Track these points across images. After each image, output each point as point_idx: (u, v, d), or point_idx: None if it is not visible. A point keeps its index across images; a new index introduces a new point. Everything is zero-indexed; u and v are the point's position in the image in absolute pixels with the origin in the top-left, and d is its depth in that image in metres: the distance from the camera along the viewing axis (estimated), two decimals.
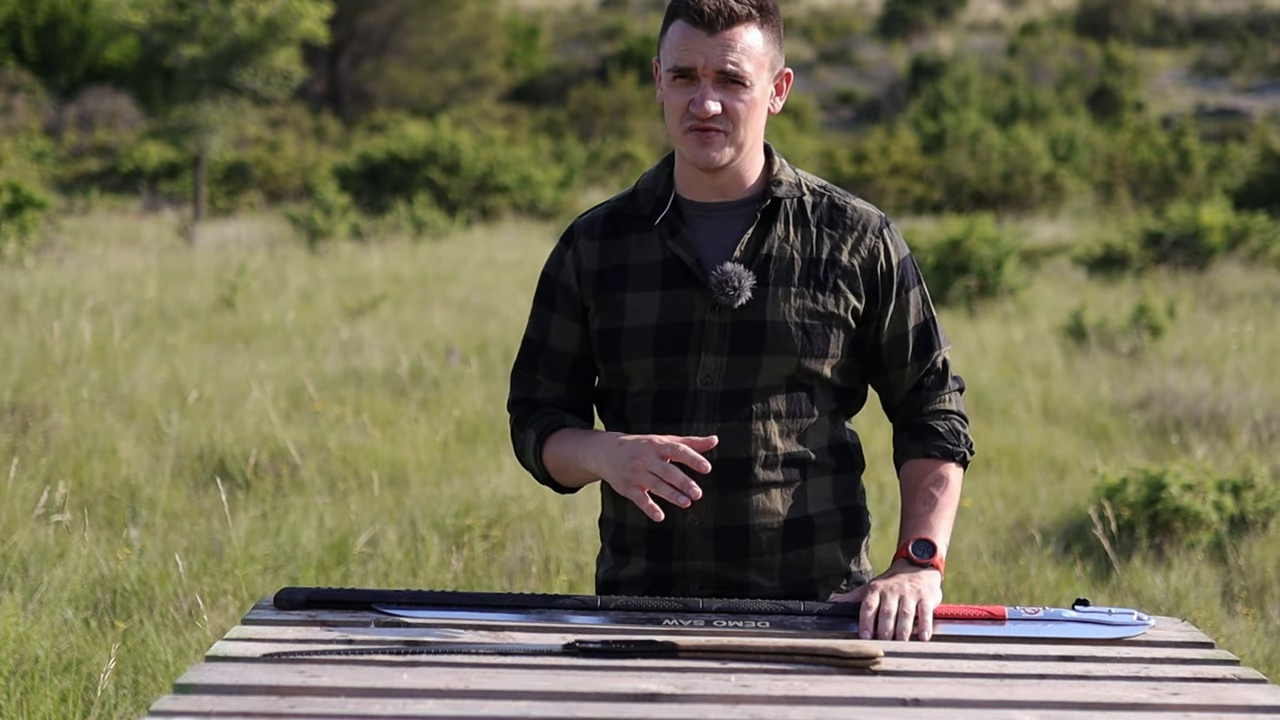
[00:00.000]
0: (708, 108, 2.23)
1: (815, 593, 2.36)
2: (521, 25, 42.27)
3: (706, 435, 2.27)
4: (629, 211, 2.38)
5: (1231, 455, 6.87)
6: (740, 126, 2.26)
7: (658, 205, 2.35)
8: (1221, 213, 15.90)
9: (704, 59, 2.23)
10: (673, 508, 2.29)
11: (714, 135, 2.26)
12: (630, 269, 2.34)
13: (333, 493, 5.83)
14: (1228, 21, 45.26)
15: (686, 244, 2.31)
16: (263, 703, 1.78)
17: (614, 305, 2.33)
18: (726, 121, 2.25)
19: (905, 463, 2.42)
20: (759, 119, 2.30)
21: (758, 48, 2.25)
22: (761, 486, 2.30)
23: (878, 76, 41.89)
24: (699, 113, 2.23)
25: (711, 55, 2.22)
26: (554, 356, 2.41)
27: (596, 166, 26.13)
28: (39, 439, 6.26)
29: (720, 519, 2.31)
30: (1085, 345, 10.14)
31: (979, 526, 5.80)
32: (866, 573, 2.42)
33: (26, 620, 4.07)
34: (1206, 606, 4.77)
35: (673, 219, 2.33)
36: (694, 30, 2.23)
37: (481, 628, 2.12)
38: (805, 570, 2.34)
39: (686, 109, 2.25)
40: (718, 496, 2.30)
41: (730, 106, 2.25)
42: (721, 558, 2.31)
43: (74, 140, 28.56)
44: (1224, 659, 2.09)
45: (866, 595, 2.18)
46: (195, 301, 11.19)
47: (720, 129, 2.25)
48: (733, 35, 2.23)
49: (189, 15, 20.38)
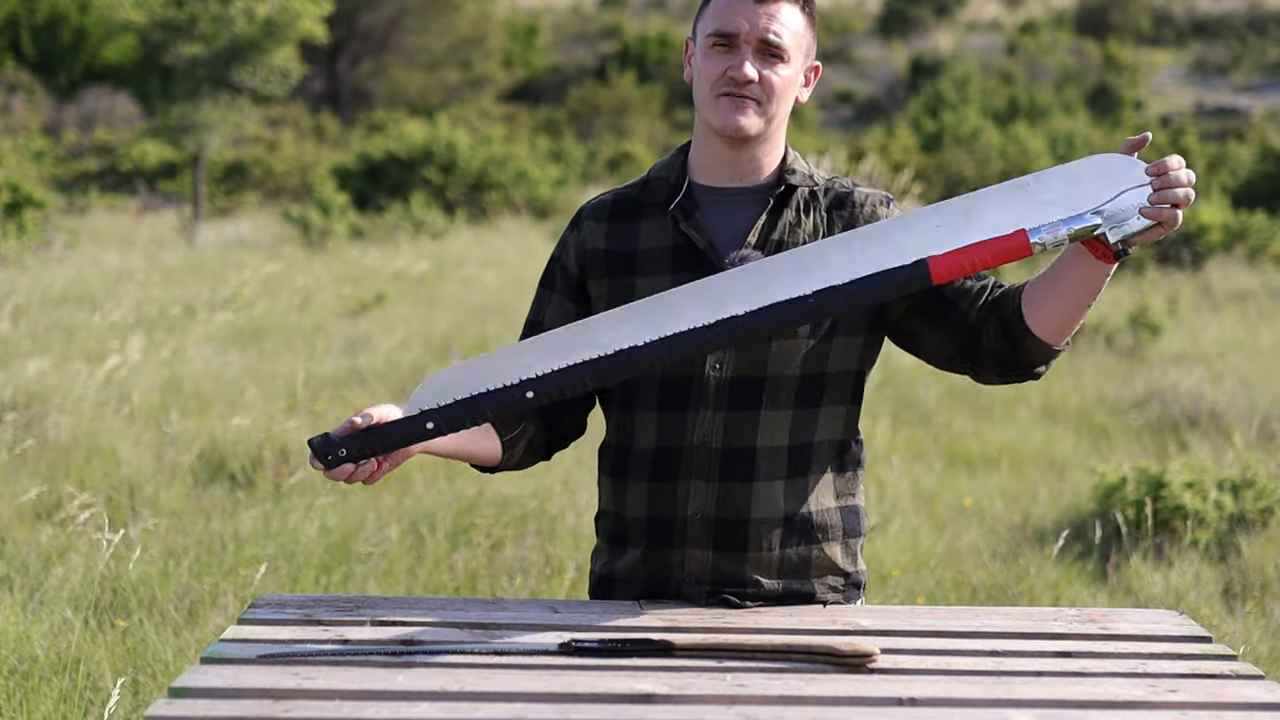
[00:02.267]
0: (746, 70, 2.26)
1: (813, 591, 2.35)
2: (520, 24, 42.26)
3: (713, 423, 2.27)
4: (641, 199, 2.39)
5: (1231, 454, 6.87)
6: (773, 100, 2.28)
7: (672, 191, 2.36)
8: (1220, 211, 15.90)
9: (748, 25, 2.26)
10: (674, 500, 2.30)
11: (748, 103, 2.28)
12: (640, 253, 2.35)
13: (333, 492, 5.83)
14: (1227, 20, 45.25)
15: (699, 228, 2.32)
16: (257, 706, 1.78)
17: (622, 289, 2.33)
18: (761, 91, 2.28)
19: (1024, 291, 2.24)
20: (789, 99, 2.32)
21: (799, 27, 2.30)
22: (764, 479, 2.30)
23: (877, 75, 41.87)
24: (737, 75, 2.26)
25: (756, 22, 2.26)
26: None
27: (595, 165, 26.12)
28: (39, 439, 6.26)
29: (720, 510, 2.30)
30: (1084, 344, 10.14)
31: (979, 526, 5.80)
32: (863, 573, 2.42)
33: (26, 620, 4.06)
34: (1207, 605, 4.77)
35: (686, 204, 2.35)
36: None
37: (477, 627, 2.12)
38: (804, 567, 2.34)
39: (723, 74, 2.27)
40: (719, 486, 2.30)
41: (766, 78, 2.27)
42: (720, 548, 2.31)
43: (73, 139, 28.56)
44: (1222, 654, 2.08)
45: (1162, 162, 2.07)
46: (195, 300, 11.19)
47: (754, 98, 2.28)
48: (778, 7, 2.28)
49: (188, 14, 20.38)
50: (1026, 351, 2.24)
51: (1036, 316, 2.20)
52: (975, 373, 2.32)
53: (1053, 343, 2.22)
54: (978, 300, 2.28)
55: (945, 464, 6.89)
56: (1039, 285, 2.21)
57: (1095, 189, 2.09)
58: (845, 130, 34.43)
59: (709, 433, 2.29)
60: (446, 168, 21.05)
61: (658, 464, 2.32)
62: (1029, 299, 2.21)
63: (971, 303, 2.27)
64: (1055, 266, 2.19)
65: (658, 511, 2.33)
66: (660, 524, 2.33)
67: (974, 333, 2.27)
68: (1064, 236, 2.07)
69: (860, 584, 2.41)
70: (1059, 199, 2.10)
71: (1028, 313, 2.21)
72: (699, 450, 2.29)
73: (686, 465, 2.30)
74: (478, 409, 2.08)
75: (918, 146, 24.72)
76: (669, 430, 2.30)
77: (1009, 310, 2.23)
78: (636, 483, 2.35)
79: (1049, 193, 2.11)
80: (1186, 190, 2.06)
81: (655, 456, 2.32)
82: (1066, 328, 2.22)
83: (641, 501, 2.34)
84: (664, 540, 2.33)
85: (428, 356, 8.99)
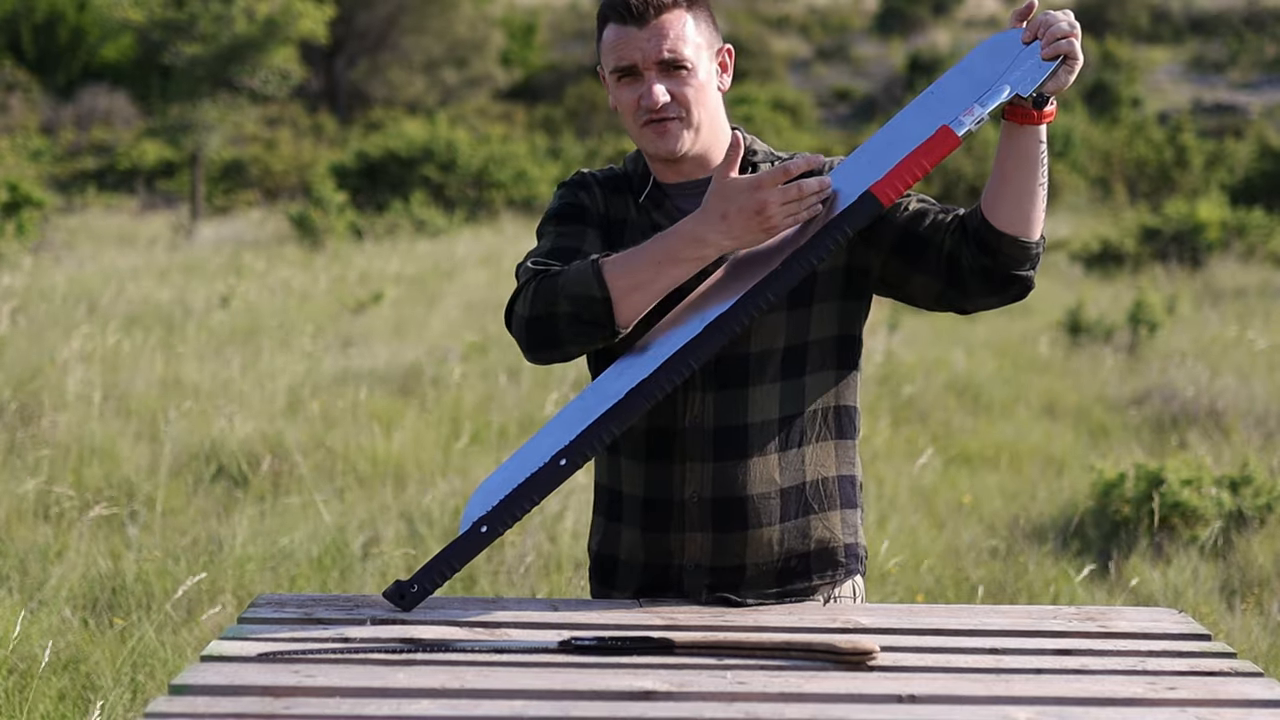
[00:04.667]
0: (656, 97, 2.28)
1: (810, 578, 2.35)
2: (518, 23, 42.24)
3: (703, 404, 2.29)
4: (621, 182, 2.43)
5: (1229, 451, 6.87)
6: (693, 110, 2.30)
7: (641, 182, 2.40)
8: (1218, 208, 15.90)
9: (641, 53, 2.28)
10: (670, 483, 2.30)
11: (669, 124, 2.30)
12: (629, 224, 2.39)
13: (331, 491, 5.83)
14: (1224, 17, 45.25)
15: (670, 216, 2.35)
16: (258, 703, 1.78)
17: None
18: (678, 108, 2.29)
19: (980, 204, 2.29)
20: (709, 100, 2.33)
21: (690, 31, 2.30)
22: (758, 453, 2.31)
23: (875, 73, 41.86)
24: (649, 104, 2.28)
25: (647, 48, 2.27)
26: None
27: (594, 164, 26.12)
28: (38, 438, 6.26)
29: (718, 490, 2.31)
30: (1083, 341, 10.14)
31: (978, 523, 5.80)
32: (862, 546, 2.42)
33: (26, 619, 4.06)
34: (1206, 602, 4.77)
35: (655, 194, 2.39)
36: (625, 28, 2.29)
37: (477, 625, 2.12)
38: (803, 539, 2.34)
39: (638, 104, 2.30)
40: (715, 467, 2.31)
41: (678, 93, 2.29)
42: (720, 528, 2.31)
43: (71, 138, 28.53)
44: (1221, 652, 2.08)
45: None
46: (193, 300, 11.18)
47: (674, 116, 2.30)
48: (663, 24, 2.28)
49: (188, 13, 20.37)
50: (1005, 255, 2.25)
51: (998, 213, 2.23)
52: (966, 299, 2.32)
53: (1023, 235, 2.24)
54: (948, 229, 2.30)
55: (944, 461, 6.89)
56: (990, 184, 2.26)
57: (993, 67, 2.19)
58: (843, 128, 34.42)
59: (700, 414, 2.30)
60: (446, 166, 21.04)
61: (652, 443, 2.33)
62: (986, 202, 2.26)
63: (944, 233, 2.30)
64: (996, 159, 2.26)
65: (655, 493, 2.34)
66: (658, 506, 2.34)
67: (953, 259, 2.29)
68: (983, 114, 2.15)
69: (860, 556, 2.41)
70: (965, 89, 2.19)
71: (989, 215, 2.24)
72: (692, 432, 2.31)
73: (681, 448, 2.32)
74: (523, 497, 2.17)
75: None
76: (661, 411, 2.32)
77: (975, 222, 2.27)
78: (632, 461, 2.36)
79: (954, 89, 2.20)
80: (1068, 20, 2.15)
81: (649, 437, 2.33)
82: (1029, 214, 2.23)
83: (638, 482, 2.35)
84: (662, 524, 2.34)
85: (427, 356, 8.98)
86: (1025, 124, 2.19)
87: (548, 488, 2.17)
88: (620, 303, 2.20)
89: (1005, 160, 2.22)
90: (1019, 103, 2.16)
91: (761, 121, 25.91)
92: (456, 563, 2.18)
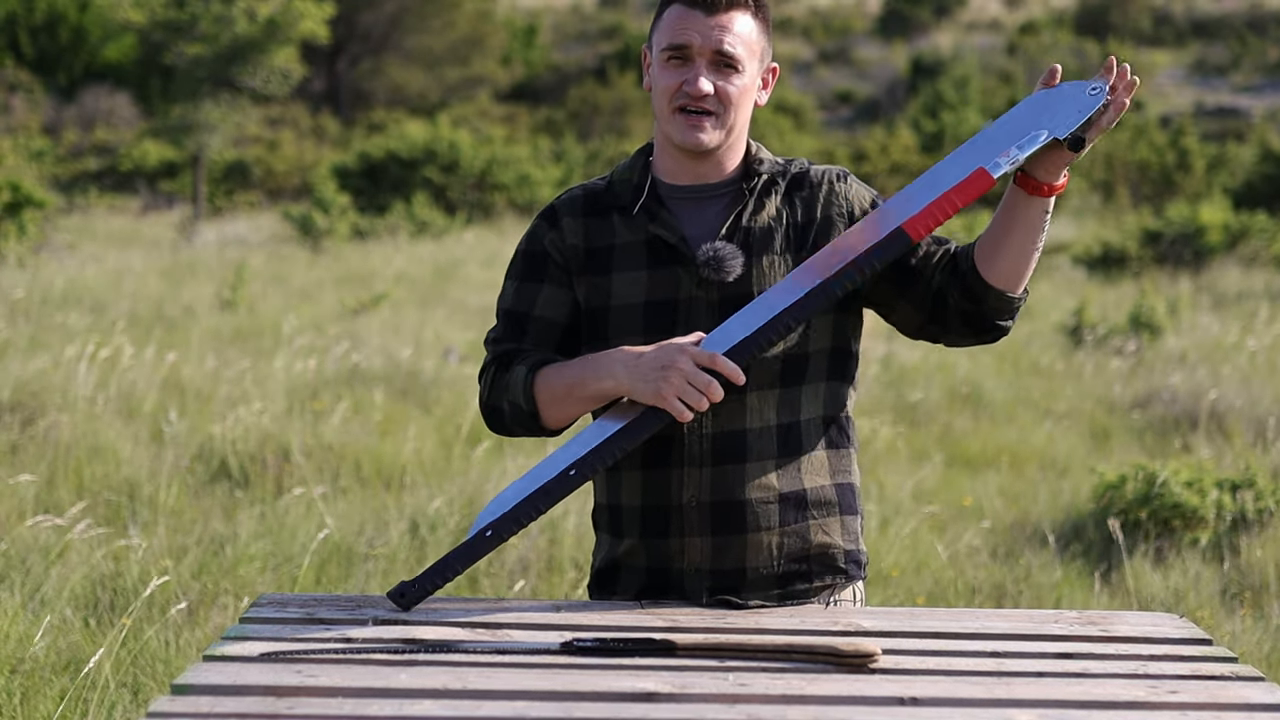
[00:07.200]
0: (701, 86, 2.27)
1: (810, 583, 2.35)
2: (520, 24, 42.26)
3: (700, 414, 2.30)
4: (606, 199, 2.40)
5: (1231, 454, 6.87)
6: (730, 110, 2.30)
7: (635, 193, 2.38)
8: (1221, 212, 15.91)
9: (700, 38, 2.28)
10: (668, 489, 2.31)
11: (705, 118, 2.30)
12: (616, 248, 2.36)
13: (333, 492, 5.83)
14: (1226, 21, 45.26)
15: (668, 225, 2.34)
16: (260, 703, 1.78)
17: (600, 285, 2.35)
18: (718, 104, 2.29)
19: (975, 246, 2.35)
20: (747, 107, 2.34)
21: (752, 35, 2.31)
22: (756, 459, 2.31)
23: (877, 76, 41.88)
24: (692, 91, 2.28)
25: (709, 35, 2.27)
26: (544, 326, 2.39)
27: (596, 165, 26.13)
28: (39, 438, 6.26)
29: (716, 494, 2.31)
30: (1085, 344, 10.14)
31: (979, 526, 5.80)
32: (863, 553, 2.42)
33: (26, 619, 4.06)
34: (1206, 605, 4.77)
35: (651, 204, 2.36)
36: (691, 11, 2.28)
37: (479, 626, 2.12)
38: (803, 545, 2.34)
39: (678, 88, 2.29)
40: (713, 471, 2.31)
41: (722, 89, 2.29)
42: (718, 532, 2.31)
43: (73, 139, 28.54)
44: (1222, 656, 2.09)
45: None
46: (195, 300, 11.19)
47: (711, 110, 2.30)
48: (729, 18, 2.28)
49: (189, 14, 20.38)
50: (990, 305, 2.31)
51: (990, 268, 2.29)
52: (945, 334, 2.38)
53: (1009, 290, 2.30)
54: (939, 265, 2.34)
55: (946, 464, 6.89)
56: (986, 238, 2.29)
57: (1034, 118, 2.24)
58: (845, 130, 34.44)
59: (699, 420, 2.30)
60: (448, 168, 21.05)
61: (649, 451, 2.33)
62: (980, 254, 2.30)
63: (933, 268, 2.34)
64: (997, 216, 2.29)
65: (653, 500, 2.34)
66: (657, 512, 2.34)
67: (939, 297, 2.34)
68: (1019, 156, 2.20)
69: (861, 562, 2.42)
70: (1005, 136, 2.25)
71: (981, 267, 2.29)
72: (690, 438, 2.31)
73: (678, 453, 2.32)
74: (530, 505, 2.23)
75: (918, 147, 24.71)
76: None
77: (966, 266, 2.31)
78: (630, 471, 2.36)
79: (995, 137, 2.27)
80: (1133, 78, 2.22)
81: (646, 444, 2.32)
82: (1021, 272, 2.30)
83: (636, 490, 2.35)
84: (661, 530, 2.34)
85: (427, 356, 8.99)
86: (1035, 195, 2.24)
87: (555, 497, 2.24)
88: (545, 414, 2.33)
89: (1008, 222, 2.27)
90: (1057, 145, 2.21)
91: (763, 124, 25.93)
92: (460, 565, 2.22)
